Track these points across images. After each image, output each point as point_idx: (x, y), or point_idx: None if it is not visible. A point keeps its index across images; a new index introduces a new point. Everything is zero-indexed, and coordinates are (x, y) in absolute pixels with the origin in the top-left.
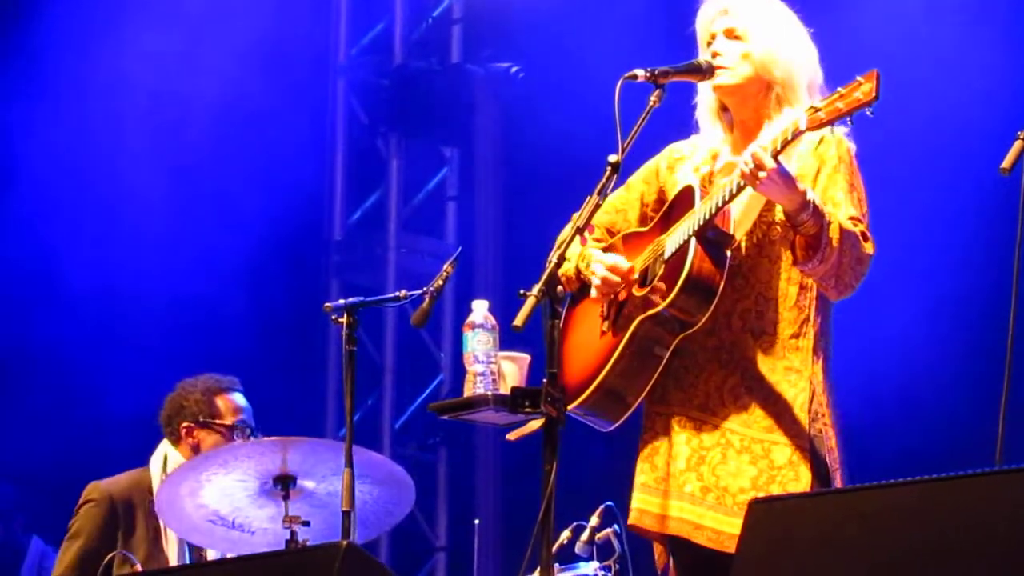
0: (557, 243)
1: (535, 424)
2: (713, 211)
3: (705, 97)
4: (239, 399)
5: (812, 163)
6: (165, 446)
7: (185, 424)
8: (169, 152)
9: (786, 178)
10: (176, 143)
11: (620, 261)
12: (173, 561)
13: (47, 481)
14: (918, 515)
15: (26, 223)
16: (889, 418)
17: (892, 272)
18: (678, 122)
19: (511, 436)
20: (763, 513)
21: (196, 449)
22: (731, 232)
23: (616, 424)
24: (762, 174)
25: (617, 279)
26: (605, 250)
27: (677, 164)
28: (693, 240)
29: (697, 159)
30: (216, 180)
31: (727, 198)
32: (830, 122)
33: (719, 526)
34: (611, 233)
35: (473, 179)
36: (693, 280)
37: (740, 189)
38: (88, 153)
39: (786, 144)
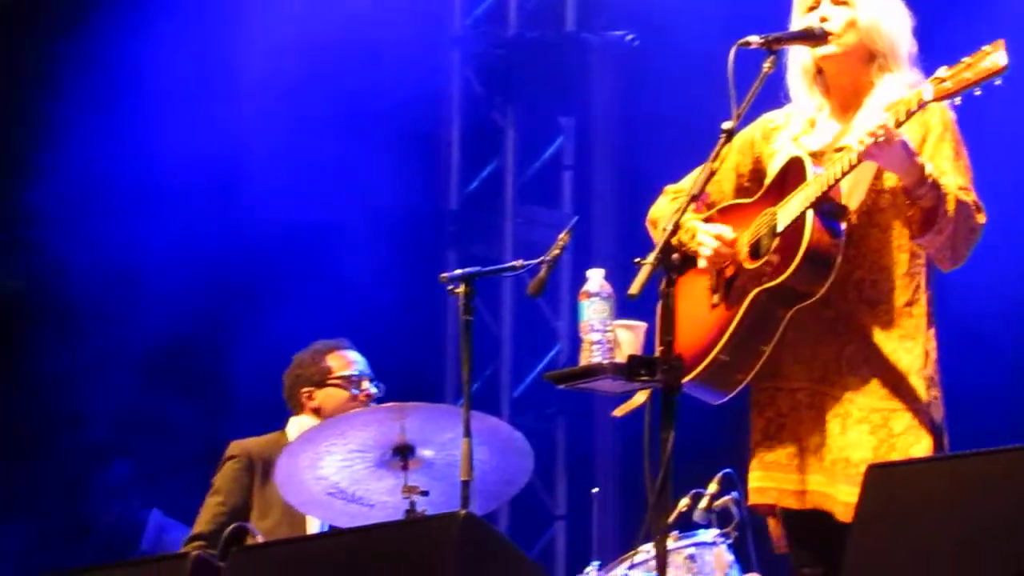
0: (650, 214)
1: (640, 398)
2: (832, 182)
3: (801, 64)
4: (350, 354)
5: (916, 131)
6: (297, 418)
7: (304, 390)
8: (285, 121)
9: (908, 150)
10: (293, 114)
11: (726, 231)
12: (310, 526)
13: (171, 454)
14: None
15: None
16: (992, 384)
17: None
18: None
19: (617, 412)
20: (881, 478)
21: (320, 412)
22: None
23: (727, 398)
24: (886, 146)
25: (726, 250)
26: (705, 221)
27: (773, 134)
28: (810, 212)
29: (794, 128)
30: (333, 152)
31: (846, 169)
32: (957, 92)
33: (848, 498)
34: (707, 204)
35: (589, 148)
36: (812, 252)
37: (860, 160)
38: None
39: (910, 115)
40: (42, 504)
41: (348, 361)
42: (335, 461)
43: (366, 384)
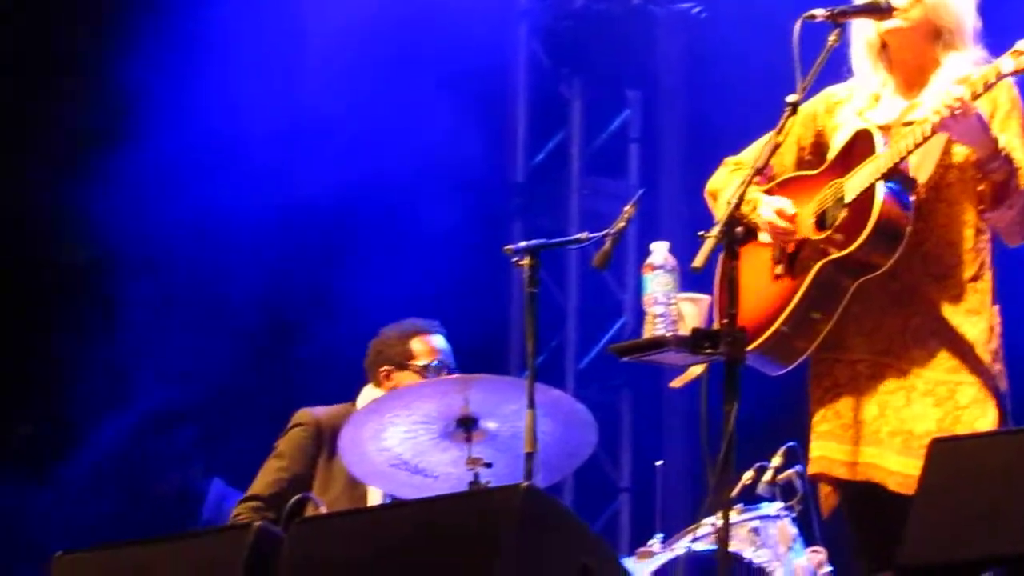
0: (709, 186)
1: (697, 370)
2: (904, 154)
3: (866, 38)
4: (436, 341)
5: (985, 107)
6: (371, 389)
7: (384, 368)
8: (350, 92)
9: (983, 123)
10: (358, 83)
11: (786, 206)
12: (372, 498)
13: (235, 421)
14: None
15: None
16: None
17: None
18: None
19: (675, 383)
20: (945, 452)
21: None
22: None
23: (787, 369)
24: (962, 118)
25: (784, 223)
26: (767, 193)
27: (836, 108)
28: (880, 185)
29: (859, 102)
30: (399, 124)
31: (919, 140)
32: None
33: (907, 470)
34: (767, 177)
35: (655, 120)
36: (881, 225)
37: (934, 132)
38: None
39: (988, 87)
40: (104, 471)
41: (431, 348)
42: (399, 432)
43: (444, 376)
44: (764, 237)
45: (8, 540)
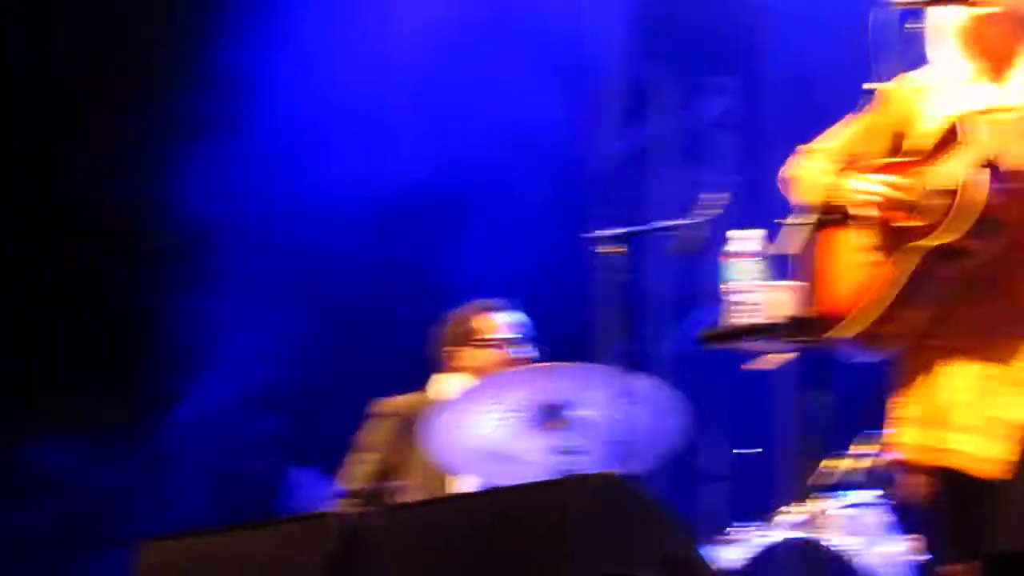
0: (786, 173)
1: (779, 356)
2: (1001, 142)
3: (948, 24)
4: (498, 316)
5: None
6: (440, 375)
7: (446, 348)
8: (437, 76)
9: None
10: (448, 69)
11: (892, 180)
12: (453, 484)
13: (315, 410)
14: None
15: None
16: None
17: None
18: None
19: (752, 365)
20: None
21: (463, 371)
22: None
23: (881, 356)
24: None
25: (896, 194)
26: None
27: (917, 94)
28: (980, 173)
29: (943, 89)
30: (486, 108)
31: (1017, 128)
32: None
33: (994, 455)
34: (850, 163)
35: (746, 108)
36: (982, 213)
37: None
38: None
39: None
40: (187, 456)
41: (493, 324)
42: (489, 420)
43: (509, 348)
44: (858, 221)
45: (95, 525)
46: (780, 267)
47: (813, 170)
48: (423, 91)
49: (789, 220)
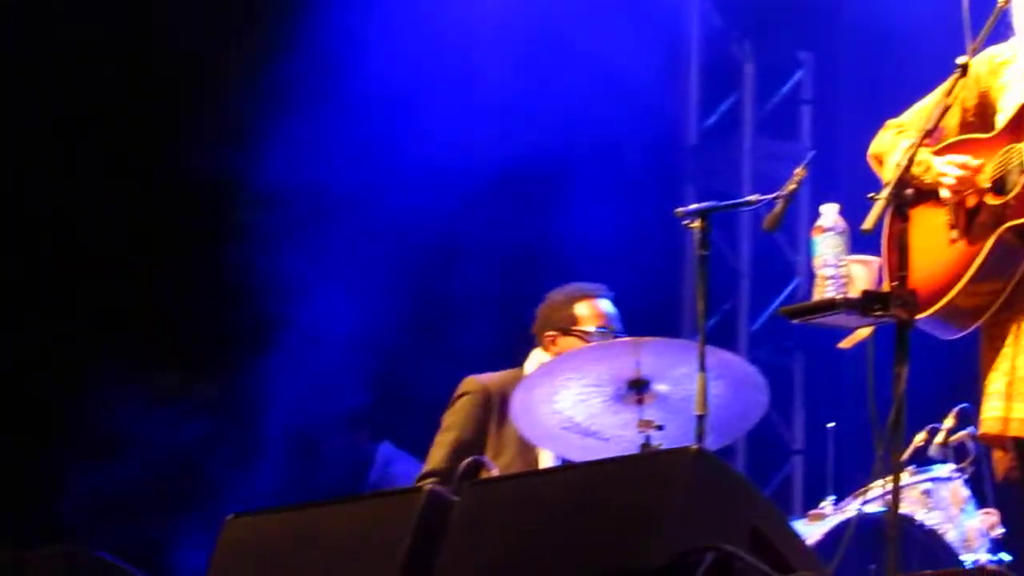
0: (872, 149)
1: (865, 331)
2: None
3: None
4: (603, 305)
5: None
6: (538, 353)
7: (549, 333)
8: (520, 51)
9: None
10: (529, 43)
11: (969, 159)
12: (544, 460)
13: (403, 387)
14: None
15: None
16: None
17: None
18: None
19: (843, 344)
20: None
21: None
22: None
23: (962, 334)
24: None
25: (967, 173)
26: (935, 156)
27: (1000, 68)
28: None
29: None
30: (569, 84)
31: None
32: None
33: None
34: (935, 139)
35: (827, 82)
36: None
37: None
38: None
39: None
40: (270, 432)
41: (597, 312)
42: (571, 395)
43: (609, 340)
44: (939, 196)
45: (180, 498)
46: (863, 242)
47: (891, 146)
48: (516, 65)
49: (871, 195)
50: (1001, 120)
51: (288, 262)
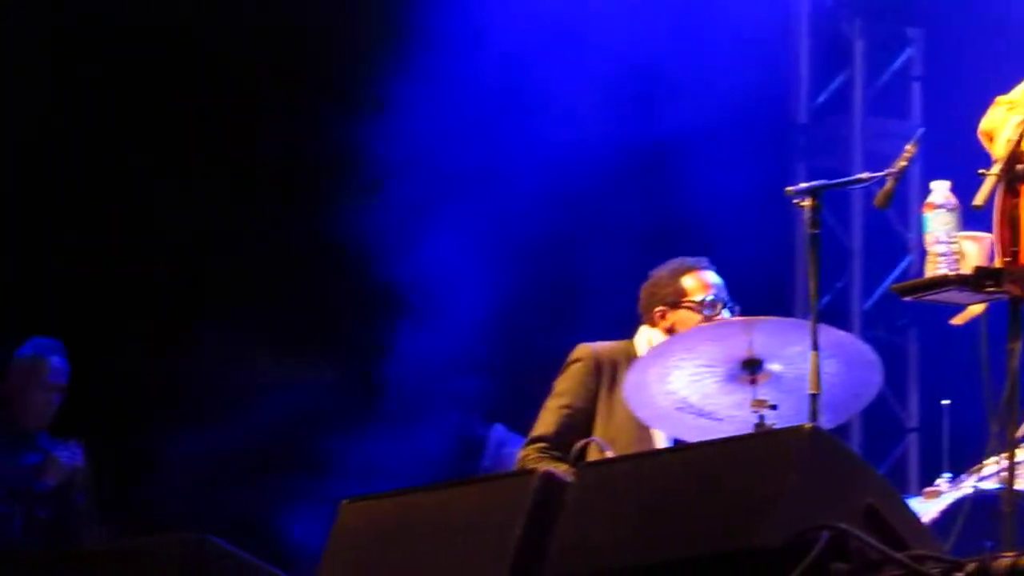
0: (983, 126)
1: (977, 308)
2: None
3: None
4: (708, 276)
5: None
6: (647, 330)
7: (658, 309)
8: (636, 33)
9: None
10: (638, 29)
11: None
12: (657, 441)
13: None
14: None
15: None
16: None
17: None
18: None
19: (956, 320)
20: None
21: (672, 332)
22: None
23: None
24: None
25: None
26: None
27: None
28: None
29: None
30: (681, 64)
31: None
32: None
33: None
34: None
35: (937, 59)
36: None
37: None
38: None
39: None
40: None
41: (704, 283)
42: (684, 375)
43: (719, 308)
44: None
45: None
46: (974, 219)
47: (1001, 122)
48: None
49: (982, 172)
50: None
51: (411, 235)
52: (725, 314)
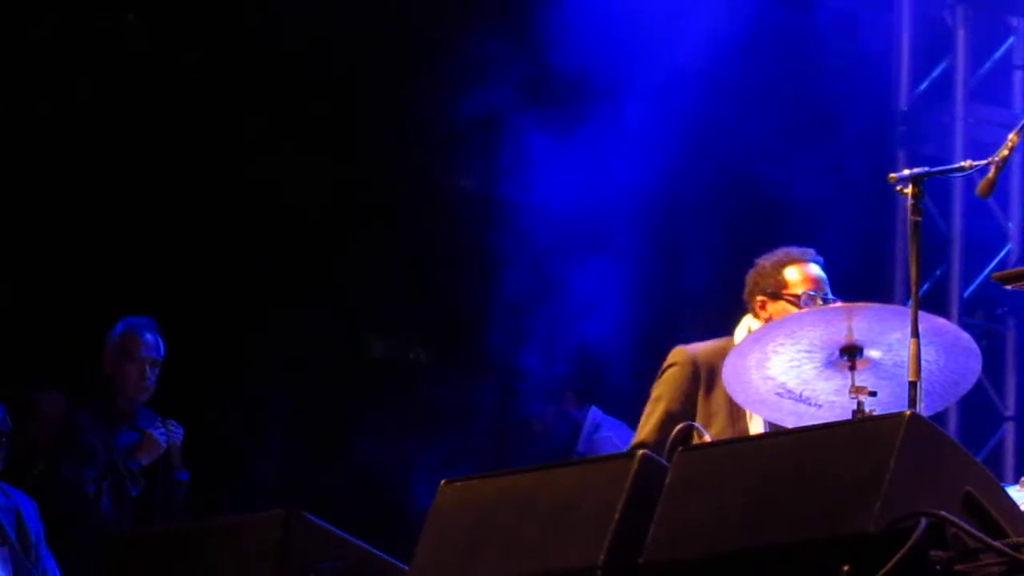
0: None
1: None
2: None
3: None
4: (812, 269)
5: None
6: (748, 319)
7: (759, 298)
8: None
9: None
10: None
11: None
12: (754, 429)
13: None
14: None
15: None
16: None
17: None
18: None
19: None
20: None
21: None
22: None
23: None
24: None
25: None
26: None
27: None
28: None
29: None
30: (779, 53)
31: None
32: None
33: None
34: None
35: None
36: None
37: None
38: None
39: None
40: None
41: (807, 276)
42: (783, 361)
43: (818, 303)
44: None
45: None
46: None
47: None
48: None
49: None
50: None
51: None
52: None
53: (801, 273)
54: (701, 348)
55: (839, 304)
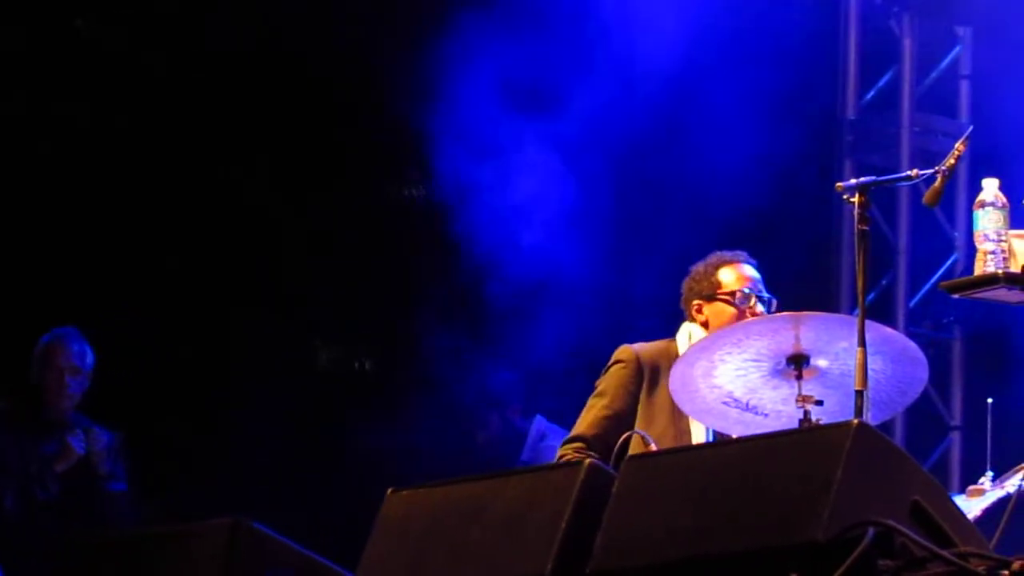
0: None
1: None
2: None
3: None
4: (745, 269)
5: None
6: (688, 325)
7: (695, 302)
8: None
9: None
10: (680, 26)
11: None
12: (695, 432)
13: (555, 364)
14: None
15: None
16: None
17: None
18: None
19: None
20: None
21: (708, 326)
22: None
23: None
24: None
25: None
26: None
27: None
28: None
29: None
30: (728, 60)
31: None
32: None
33: None
34: None
35: (986, 57)
36: None
37: None
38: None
39: None
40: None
41: (740, 275)
42: (729, 370)
43: (754, 302)
44: None
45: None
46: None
47: None
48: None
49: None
50: None
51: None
52: (760, 308)
53: (735, 273)
54: (645, 348)
55: (787, 313)
